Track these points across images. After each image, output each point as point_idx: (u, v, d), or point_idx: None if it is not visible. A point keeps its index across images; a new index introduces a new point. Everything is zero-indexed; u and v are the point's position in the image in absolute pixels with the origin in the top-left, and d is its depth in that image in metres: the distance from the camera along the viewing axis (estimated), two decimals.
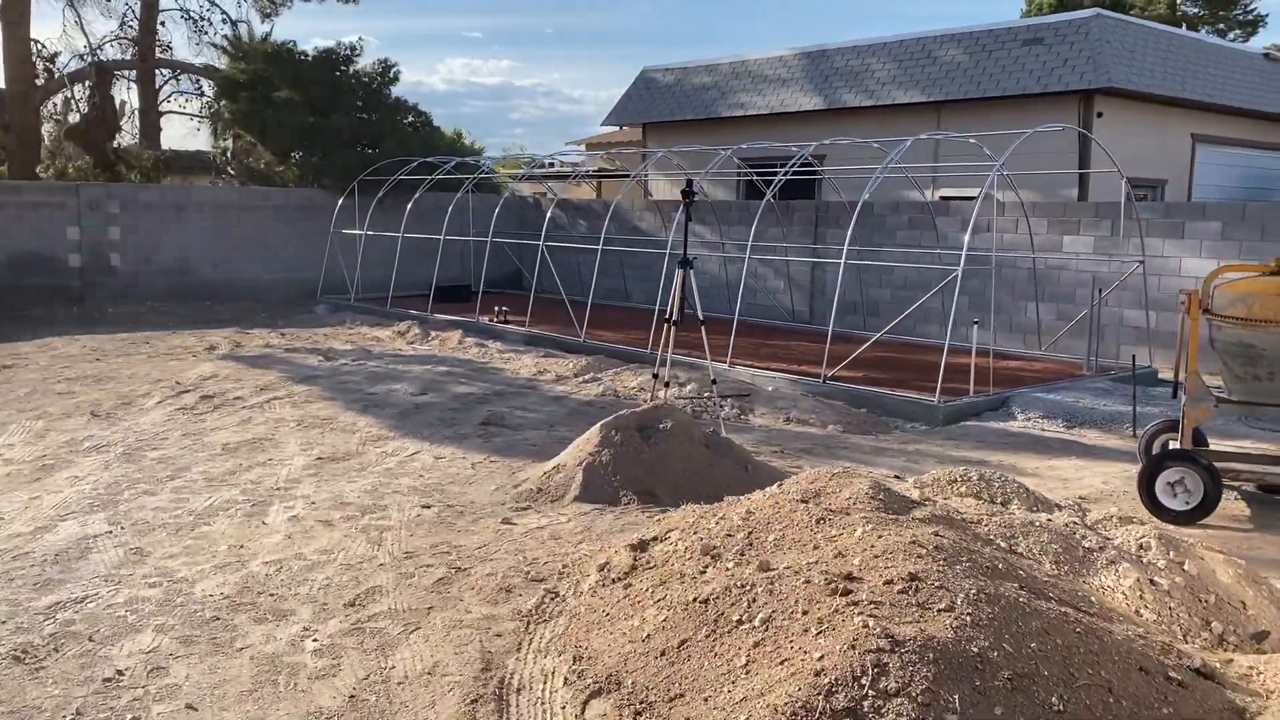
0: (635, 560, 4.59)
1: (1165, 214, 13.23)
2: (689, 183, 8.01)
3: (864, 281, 16.55)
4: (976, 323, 10.24)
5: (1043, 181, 16.71)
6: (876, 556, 3.73)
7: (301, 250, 19.92)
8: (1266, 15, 36.09)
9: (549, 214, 17.71)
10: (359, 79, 22.19)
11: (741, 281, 14.18)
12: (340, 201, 19.75)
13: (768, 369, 11.68)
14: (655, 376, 8.54)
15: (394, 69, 22.61)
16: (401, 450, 7.84)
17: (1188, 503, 6.18)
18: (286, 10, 25.16)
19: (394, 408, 9.45)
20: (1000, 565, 3.81)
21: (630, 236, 19.88)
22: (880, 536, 3.90)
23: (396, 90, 22.65)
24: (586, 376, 11.18)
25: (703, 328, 8.20)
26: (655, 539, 4.79)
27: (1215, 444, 7.46)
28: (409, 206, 18.62)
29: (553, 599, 4.66)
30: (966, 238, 10.59)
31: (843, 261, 11.54)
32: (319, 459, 7.52)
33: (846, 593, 3.55)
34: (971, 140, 13.06)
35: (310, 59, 21.45)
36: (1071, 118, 16.15)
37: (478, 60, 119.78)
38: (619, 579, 4.52)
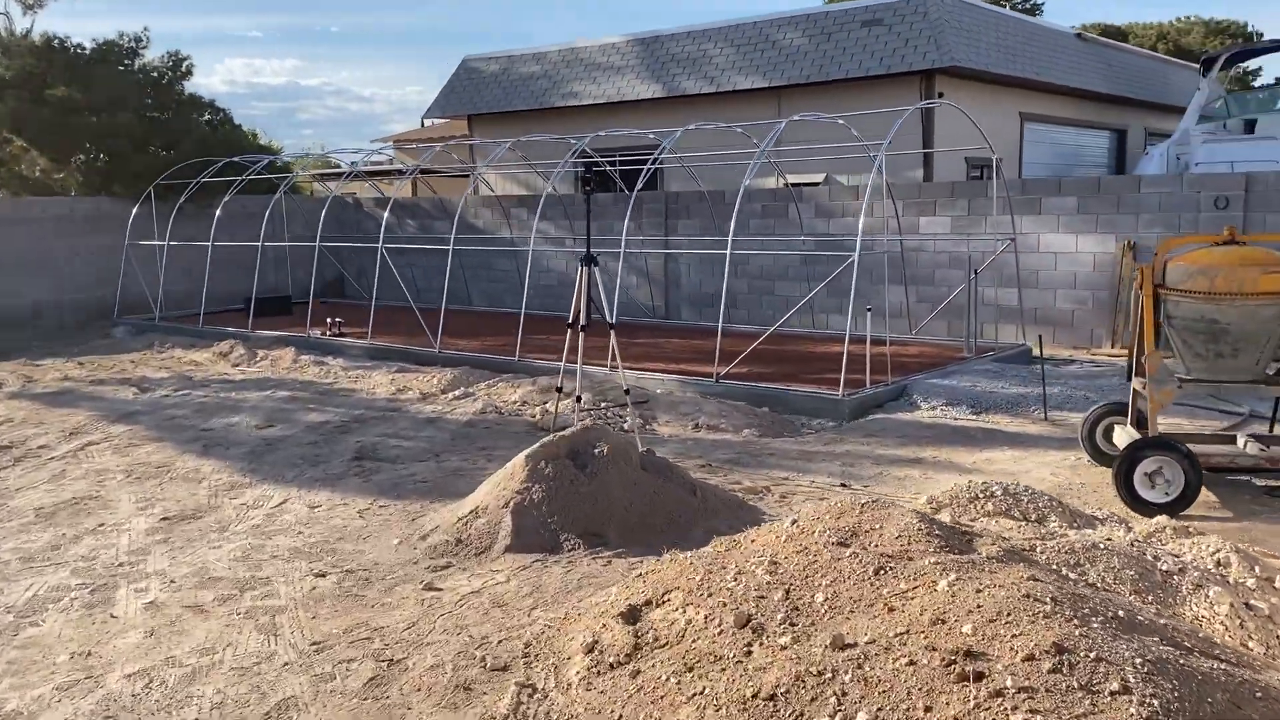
0: (636, 637, 3.64)
1: (1022, 191, 13.23)
2: (587, 167, 7.06)
3: (719, 272, 15.99)
4: (870, 310, 9.75)
5: (887, 164, 16.62)
6: (991, 620, 2.93)
7: (92, 266, 17.64)
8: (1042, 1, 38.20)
9: (385, 216, 16.29)
10: (146, 74, 19.94)
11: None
12: (135, 210, 17.62)
13: (651, 370, 10.86)
14: (559, 390, 7.55)
15: (186, 62, 20.49)
16: (265, 500, 6.55)
17: (1167, 494, 5.75)
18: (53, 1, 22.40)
19: (241, 445, 8.05)
20: (1121, 613, 3.09)
21: (468, 236, 18.66)
22: (978, 590, 3.11)
23: (190, 85, 20.53)
24: (457, 392, 10.03)
25: (612, 332, 7.27)
26: (649, 603, 3.85)
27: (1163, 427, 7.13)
28: (218, 213, 16.75)
29: (531, 696, 3.64)
30: (861, 222, 10.09)
31: (729, 251, 10.85)
32: (165, 519, 6.14)
33: (978, 677, 2.73)
34: (840, 122, 12.64)
35: (88, 53, 19.07)
36: (914, 98, 16.10)
37: (259, 60, 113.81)
38: (619, 663, 3.56)
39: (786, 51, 17.07)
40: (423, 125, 33.17)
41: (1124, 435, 6.59)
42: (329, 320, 14.81)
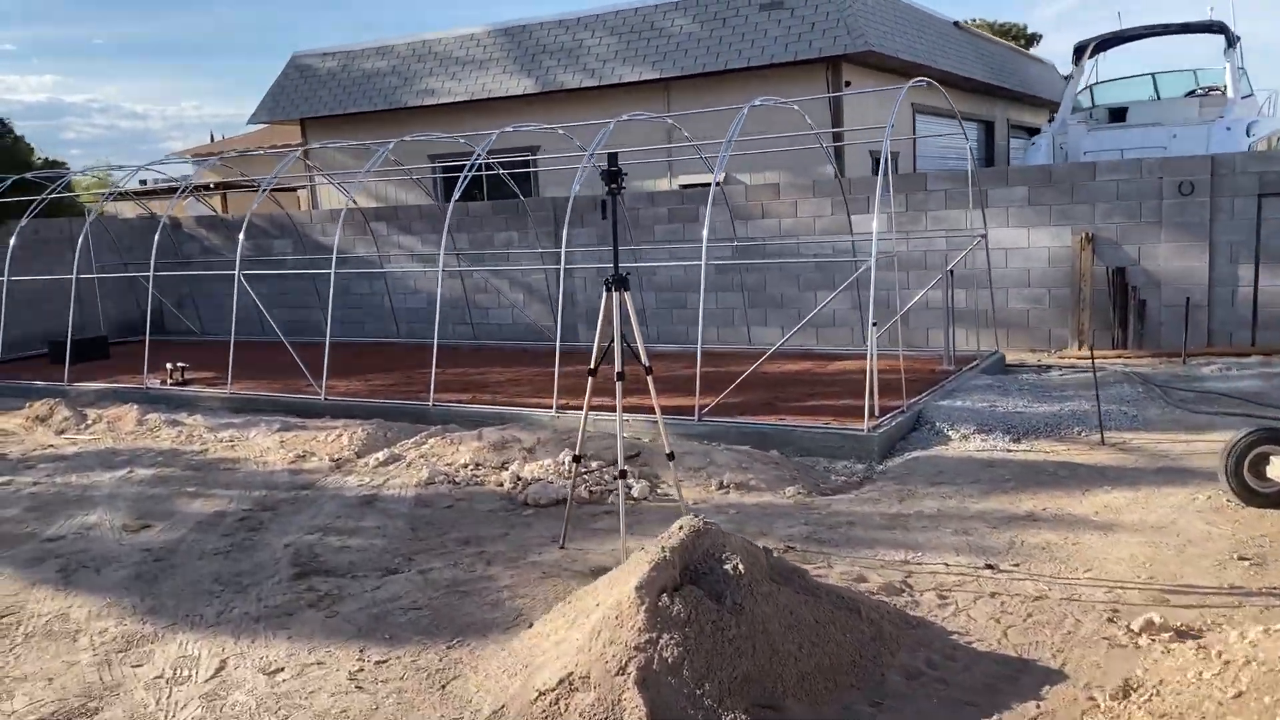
0: None
1: (968, 183, 12.17)
2: (612, 158, 5.22)
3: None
4: (875, 325, 8.29)
5: (787, 159, 15.41)
6: None
7: None
8: None
9: (241, 236, 13.75)
10: None
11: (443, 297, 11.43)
12: None
13: (603, 410, 9.05)
14: (577, 460, 5.65)
15: None
16: (192, 666, 4.39)
17: None
18: None
19: (117, 564, 5.75)
20: None
21: (318, 256, 16.20)
22: None
23: None
24: (380, 456, 7.91)
25: (649, 376, 5.44)
26: None
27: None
28: (12, 240, 13.73)
29: None
30: (874, 221, 8.61)
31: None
32: None
33: None
34: (786, 102, 11.11)
35: None
36: (819, 87, 14.92)
37: (14, 76, 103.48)
38: None
39: (675, 39, 15.56)
40: (213, 136, 29.89)
41: None
42: (169, 365, 12.18)
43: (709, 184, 15.83)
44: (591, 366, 5.42)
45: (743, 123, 9.43)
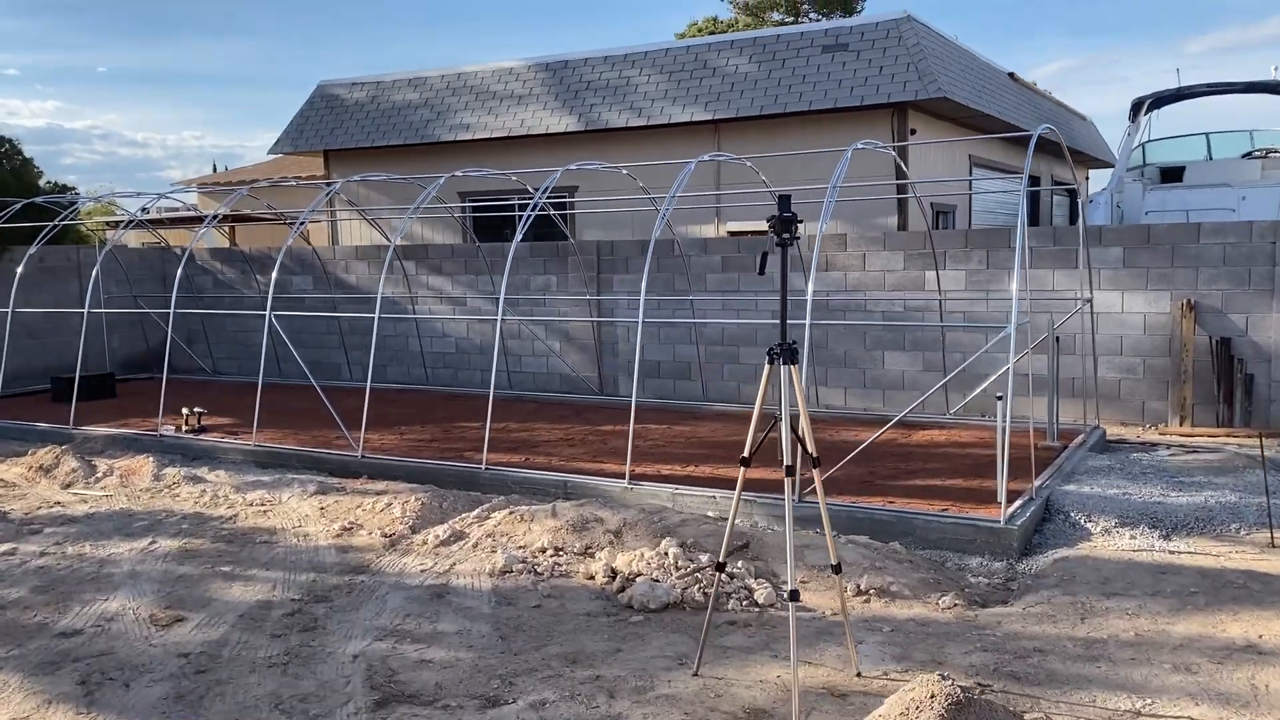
0: None
1: (1054, 241, 11.32)
2: (783, 200, 4.28)
3: (667, 337, 13.39)
4: (1000, 398, 7.35)
5: (845, 209, 14.58)
6: None
7: None
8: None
9: (275, 273, 12.87)
10: None
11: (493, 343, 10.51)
12: None
13: (677, 482, 8.07)
14: (720, 568, 4.65)
15: None
16: None
17: None
18: None
19: (148, 675, 4.73)
20: None
21: (342, 295, 15.28)
22: None
23: None
24: (439, 532, 6.89)
25: (815, 471, 4.46)
26: None
27: None
28: (19, 269, 12.78)
29: None
30: (1014, 282, 7.72)
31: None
32: None
33: None
34: (885, 146, 10.30)
35: None
36: (883, 134, 14.12)
37: (17, 100, 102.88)
38: None
39: (730, 79, 14.77)
40: (215, 166, 29.08)
41: None
42: (184, 411, 11.17)
43: (760, 232, 15.02)
44: (746, 454, 4.44)
45: (793, 169, 8.54)
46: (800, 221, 4.37)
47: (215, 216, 11.59)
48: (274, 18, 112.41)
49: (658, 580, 5.68)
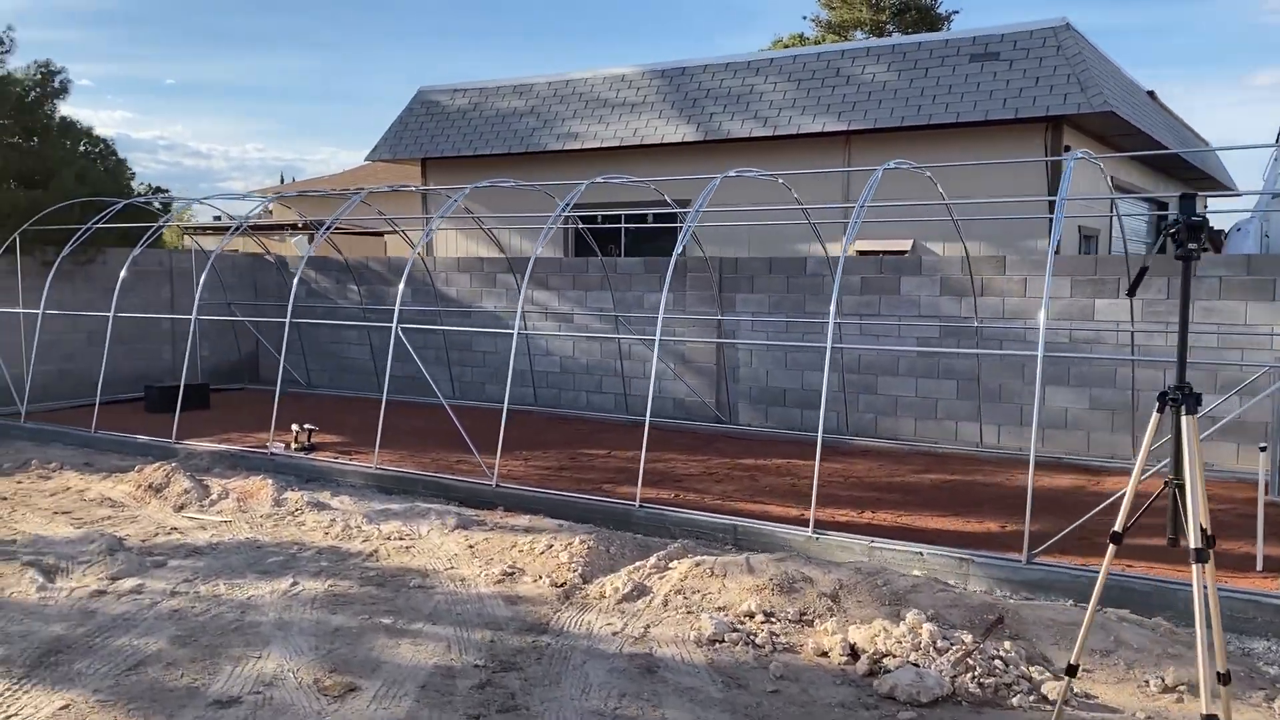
0: None
1: (1247, 269, 10.21)
2: (1187, 200, 3.34)
3: (795, 363, 12.41)
4: (1264, 448, 6.31)
5: (987, 229, 13.52)
6: None
7: None
8: None
9: (401, 285, 12.17)
10: (6, 88, 15.09)
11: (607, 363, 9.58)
12: None
13: (867, 526, 7.11)
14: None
15: (60, 75, 15.69)
16: None
17: None
18: None
19: None
20: None
21: (442, 309, 14.52)
22: None
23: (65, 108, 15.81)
24: (620, 586, 5.97)
25: (1206, 567, 3.48)
26: None
27: None
28: (123, 273, 12.18)
29: None
30: None
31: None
32: None
33: None
34: (1096, 156, 9.29)
35: None
36: (1034, 149, 13.09)
37: (88, 110, 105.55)
38: None
39: (866, 88, 13.82)
40: (283, 178, 28.65)
41: None
42: (294, 427, 10.42)
43: (894, 251, 14.03)
44: (1119, 528, 3.48)
45: (933, 185, 7.55)
46: (1209, 228, 3.41)
47: (332, 223, 10.84)
48: (338, 31, 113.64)
49: (917, 665, 4.71)
